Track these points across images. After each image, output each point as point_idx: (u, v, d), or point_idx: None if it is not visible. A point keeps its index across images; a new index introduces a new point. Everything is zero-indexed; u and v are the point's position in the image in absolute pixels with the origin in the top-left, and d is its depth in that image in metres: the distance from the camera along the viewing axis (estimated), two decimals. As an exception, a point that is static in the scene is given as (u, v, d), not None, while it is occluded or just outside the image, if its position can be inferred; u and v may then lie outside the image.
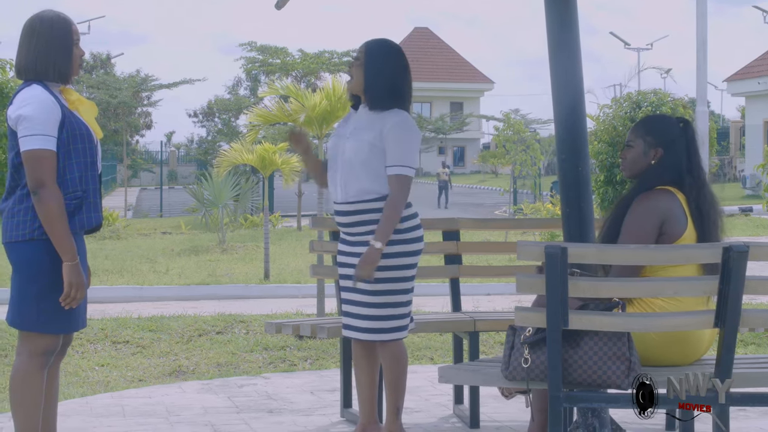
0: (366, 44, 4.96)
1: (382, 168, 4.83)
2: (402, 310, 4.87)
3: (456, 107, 67.68)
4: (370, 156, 4.81)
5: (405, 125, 4.84)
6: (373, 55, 4.90)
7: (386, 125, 4.82)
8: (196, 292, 13.07)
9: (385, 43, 4.97)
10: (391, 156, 4.81)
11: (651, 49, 48.76)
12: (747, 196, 36.04)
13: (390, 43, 4.99)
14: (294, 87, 10.49)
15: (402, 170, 4.80)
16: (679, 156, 4.56)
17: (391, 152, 4.81)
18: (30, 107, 4.16)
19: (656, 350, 4.34)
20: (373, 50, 4.92)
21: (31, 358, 4.25)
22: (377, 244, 4.73)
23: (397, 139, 4.81)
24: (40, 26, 4.27)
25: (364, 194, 4.83)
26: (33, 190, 4.14)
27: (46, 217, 4.14)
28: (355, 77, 4.93)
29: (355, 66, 4.93)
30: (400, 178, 4.80)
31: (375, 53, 4.91)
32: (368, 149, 4.81)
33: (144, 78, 34.94)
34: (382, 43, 4.97)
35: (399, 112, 4.87)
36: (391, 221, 4.76)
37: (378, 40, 4.98)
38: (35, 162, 4.13)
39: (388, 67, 4.90)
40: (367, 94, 4.90)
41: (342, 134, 4.99)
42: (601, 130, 13.51)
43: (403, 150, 4.82)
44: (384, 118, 4.85)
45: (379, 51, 4.92)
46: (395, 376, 4.90)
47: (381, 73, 4.88)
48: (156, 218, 29.90)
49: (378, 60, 4.89)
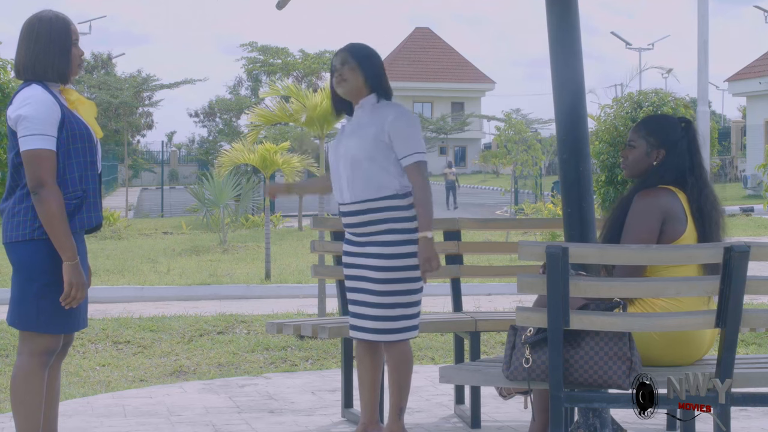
0: (348, 49, 4.98)
1: (388, 163, 4.83)
2: (412, 310, 4.87)
3: (457, 107, 67.65)
4: (375, 151, 4.82)
5: (405, 115, 4.90)
6: (362, 55, 4.95)
7: (387, 119, 4.85)
8: (197, 292, 13.08)
9: (364, 45, 5.04)
10: (402, 147, 4.84)
11: (652, 49, 48.77)
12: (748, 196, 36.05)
13: (367, 45, 5.05)
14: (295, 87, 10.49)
15: (417, 157, 4.84)
16: (682, 156, 4.56)
17: (400, 143, 4.84)
18: (29, 107, 4.16)
19: (657, 350, 4.34)
20: (359, 52, 4.96)
21: (32, 358, 4.25)
22: (428, 234, 4.77)
23: (402, 129, 4.85)
24: (38, 26, 4.27)
25: (371, 191, 4.82)
26: (33, 190, 4.14)
27: (46, 216, 4.14)
28: (350, 80, 4.93)
29: (347, 70, 4.93)
30: (419, 164, 4.84)
31: (362, 54, 4.96)
32: (372, 144, 4.83)
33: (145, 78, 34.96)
34: (362, 45, 5.03)
35: (395, 105, 4.95)
36: (428, 207, 4.81)
37: (356, 44, 5.04)
38: (35, 162, 4.13)
39: (378, 64, 4.97)
40: (377, 88, 4.93)
41: (341, 138, 4.99)
42: (602, 130, 13.51)
43: (412, 138, 4.86)
44: (382, 113, 4.88)
45: (364, 51, 4.98)
46: (401, 376, 4.89)
47: (377, 69, 4.94)
48: (157, 218, 29.92)
49: (368, 59, 4.95)
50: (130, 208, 32.69)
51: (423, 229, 4.78)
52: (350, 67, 4.92)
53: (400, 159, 4.83)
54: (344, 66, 4.93)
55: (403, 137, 4.83)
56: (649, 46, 48.72)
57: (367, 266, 4.85)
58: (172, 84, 33.50)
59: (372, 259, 4.84)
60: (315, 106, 9.86)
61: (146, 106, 37.36)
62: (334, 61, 5.01)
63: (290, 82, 11.79)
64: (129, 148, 40.03)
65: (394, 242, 4.81)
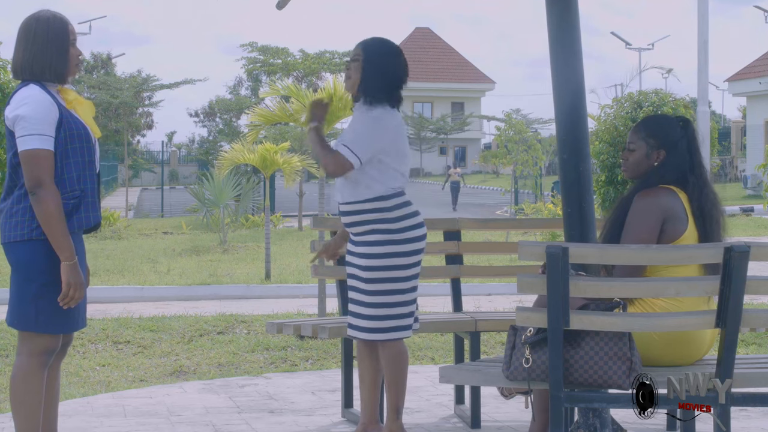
0: (363, 44, 4.95)
1: (371, 167, 4.83)
2: (399, 310, 4.86)
3: (457, 107, 67.67)
4: None
5: (375, 119, 4.84)
6: (371, 54, 4.90)
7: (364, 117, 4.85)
8: (197, 292, 13.07)
9: (382, 43, 4.96)
10: (344, 135, 4.85)
11: (652, 49, 48.78)
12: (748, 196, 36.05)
13: (387, 43, 4.98)
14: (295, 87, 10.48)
15: (341, 149, 4.81)
16: (682, 156, 4.56)
17: (345, 132, 4.86)
18: (27, 107, 4.15)
19: (657, 350, 4.33)
20: (370, 49, 4.92)
21: (31, 358, 4.25)
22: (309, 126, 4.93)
23: (358, 125, 4.85)
24: (36, 26, 4.26)
25: (357, 194, 4.85)
26: (31, 190, 4.14)
27: (43, 216, 4.13)
28: (353, 77, 4.92)
29: (353, 66, 4.92)
30: (336, 155, 4.80)
31: (373, 52, 4.90)
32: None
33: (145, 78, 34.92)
34: (380, 42, 4.96)
35: (383, 109, 4.87)
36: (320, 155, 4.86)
37: (375, 39, 4.97)
38: (33, 161, 4.13)
39: (386, 66, 4.90)
40: (361, 91, 4.89)
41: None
42: (603, 130, 13.50)
43: (357, 135, 4.82)
44: (368, 114, 4.87)
45: (377, 50, 4.92)
46: (394, 375, 4.90)
47: (378, 72, 4.88)
48: (157, 218, 29.91)
49: (376, 59, 4.89)
50: (130, 208, 32.67)
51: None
52: (356, 64, 4.92)
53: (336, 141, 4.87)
54: (353, 62, 4.93)
55: (351, 129, 4.85)
56: (649, 46, 48.72)
57: (358, 266, 4.89)
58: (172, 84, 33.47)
59: (361, 259, 4.88)
60: (315, 106, 9.84)
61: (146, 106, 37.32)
62: (352, 51, 5.02)
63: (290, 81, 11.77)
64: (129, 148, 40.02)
65: (378, 242, 4.83)
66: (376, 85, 4.87)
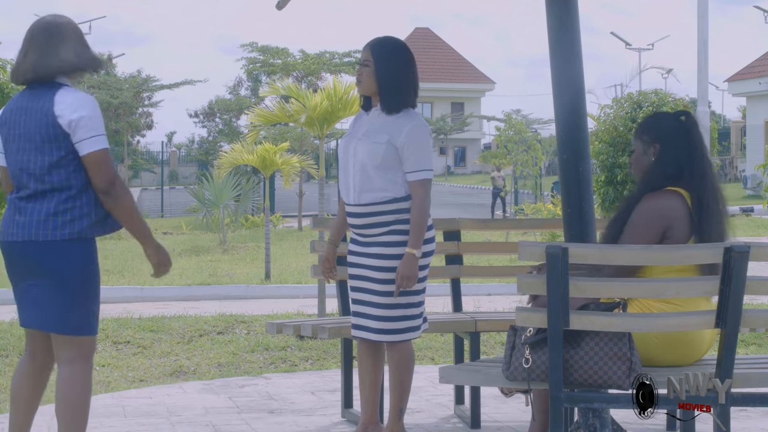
0: (371, 46, 4.92)
1: (396, 171, 4.83)
2: (414, 310, 4.87)
3: (457, 107, 67.66)
4: (385, 160, 4.82)
5: (420, 129, 4.87)
6: (381, 57, 4.88)
7: (402, 130, 4.83)
8: (197, 293, 13.08)
9: (389, 42, 4.95)
10: (411, 162, 4.83)
11: (652, 49, 48.79)
12: (748, 197, 36.05)
13: (394, 41, 4.97)
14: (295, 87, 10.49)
15: (424, 174, 4.84)
16: (679, 149, 4.52)
17: (410, 158, 4.83)
18: (88, 108, 4.12)
19: (657, 350, 4.33)
20: (379, 52, 4.90)
21: (87, 363, 4.19)
22: (414, 251, 4.76)
23: (415, 144, 4.83)
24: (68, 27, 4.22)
25: (378, 198, 4.84)
26: (106, 189, 4.10)
27: (125, 212, 4.16)
28: (364, 81, 4.91)
29: (364, 70, 4.92)
30: (424, 182, 4.84)
31: (382, 55, 4.89)
32: (383, 153, 4.81)
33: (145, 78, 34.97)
34: (386, 42, 4.95)
35: (412, 116, 4.89)
36: (422, 227, 4.80)
37: (382, 40, 4.95)
38: (107, 161, 4.13)
39: (397, 66, 4.89)
40: (382, 99, 4.89)
41: (353, 135, 4.97)
42: (602, 130, 13.51)
43: (422, 154, 4.85)
44: (398, 122, 4.85)
45: (385, 52, 4.90)
46: (402, 377, 4.89)
47: (391, 75, 4.87)
48: (157, 218, 29.90)
49: (386, 61, 4.88)
50: (130, 209, 32.62)
51: (411, 246, 4.77)
52: (367, 69, 4.90)
53: (407, 173, 4.83)
54: (363, 67, 4.92)
55: (414, 151, 4.82)
56: (649, 46, 48.74)
57: (369, 266, 4.86)
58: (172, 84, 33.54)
59: (374, 260, 4.85)
60: (315, 106, 9.85)
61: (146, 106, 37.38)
62: (361, 54, 5.01)
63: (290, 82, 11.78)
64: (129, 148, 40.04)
65: (395, 243, 4.82)
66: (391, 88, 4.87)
